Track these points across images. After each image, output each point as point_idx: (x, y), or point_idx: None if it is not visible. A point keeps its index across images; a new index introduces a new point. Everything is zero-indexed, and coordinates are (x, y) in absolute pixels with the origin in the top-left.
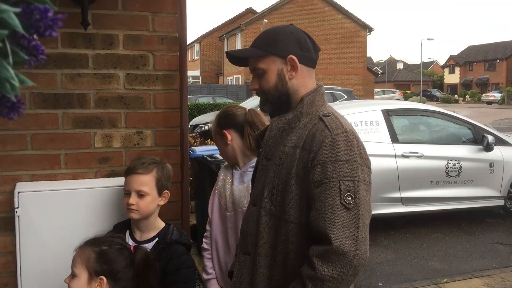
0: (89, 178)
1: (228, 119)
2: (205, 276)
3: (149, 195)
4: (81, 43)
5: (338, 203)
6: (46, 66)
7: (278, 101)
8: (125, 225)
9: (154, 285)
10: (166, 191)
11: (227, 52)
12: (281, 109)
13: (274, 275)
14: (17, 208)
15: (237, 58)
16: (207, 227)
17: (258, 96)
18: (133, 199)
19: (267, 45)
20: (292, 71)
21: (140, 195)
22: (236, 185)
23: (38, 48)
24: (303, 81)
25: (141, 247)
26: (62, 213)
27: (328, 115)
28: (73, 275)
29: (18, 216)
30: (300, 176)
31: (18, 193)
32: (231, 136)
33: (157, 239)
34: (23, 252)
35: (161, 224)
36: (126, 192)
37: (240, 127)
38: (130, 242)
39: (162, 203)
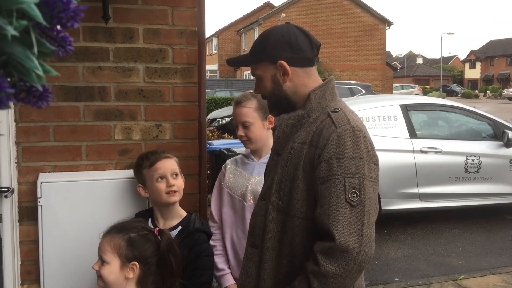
0: (110, 170)
1: None
2: (216, 273)
3: (179, 176)
4: (102, 37)
5: (342, 200)
6: (68, 59)
7: (279, 104)
8: (145, 214)
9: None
10: (182, 174)
11: (227, 61)
12: (285, 112)
13: (281, 269)
14: (40, 198)
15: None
16: (212, 224)
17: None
18: (173, 181)
19: (258, 52)
20: (284, 75)
21: (175, 175)
22: (256, 176)
23: (66, 39)
24: (300, 82)
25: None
26: (83, 203)
27: (336, 110)
28: (103, 262)
29: (41, 206)
30: (307, 172)
31: (41, 183)
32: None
33: (180, 227)
34: (46, 241)
35: (183, 213)
36: (160, 177)
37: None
38: None
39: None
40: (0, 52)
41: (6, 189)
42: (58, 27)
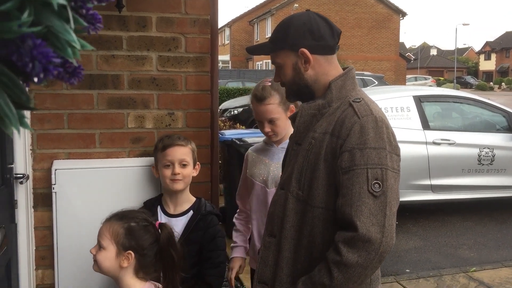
0: (123, 157)
1: None
2: (232, 244)
3: (189, 165)
4: (116, 25)
5: (365, 191)
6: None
7: (299, 92)
8: (155, 201)
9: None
10: (198, 163)
11: (246, 49)
12: (305, 100)
13: (299, 259)
14: (54, 184)
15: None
16: (239, 209)
17: (283, 87)
18: (178, 169)
19: (279, 40)
20: (306, 63)
21: (183, 165)
22: (276, 161)
23: (96, 17)
24: (322, 70)
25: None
26: (96, 190)
27: (358, 100)
28: (100, 247)
29: (55, 192)
30: (328, 162)
31: (55, 170)
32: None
33: (191, 211)
34: (60, 227)
35: (193, 198)
36: (167, 164)
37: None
38: (163, 217)
39: (195, 174)
40: (41, 24)
41: (21, 175)
42: (95, 1)
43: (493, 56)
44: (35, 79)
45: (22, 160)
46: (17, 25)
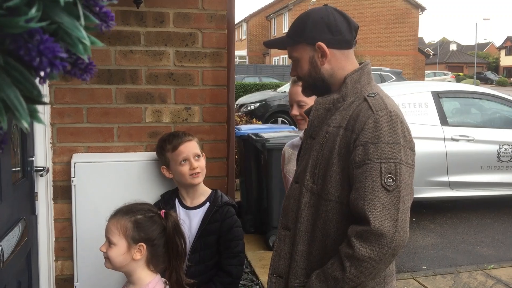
0: (140, 151)
1: None
2: None
3: (202, 157)
4: (134, 21)
5: (378, 185)
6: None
7: (314, 86)
8: (172, 194)
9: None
10: (203, 153)
11: (264, 43)
12: (321, 94)
13: (313, 251)
14: (73, 177)
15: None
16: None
17: (299, 81)
18: (195, 163)
19: (296, 33)
20: (323, 57)
21: (197, 157)
22: None
23: (108, 14)
24: (338, 64)
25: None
26: (114, 183)
27: (373, 95)
28: (110, 244)
29: (75, 185)
30: (342, 156)
31: (75, 163)
32: None
33: (208, 203)
34: (79, 219)
35: (208, 190)
36: (182, 161)
37: None
38: (181, 209)
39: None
40: (51, 22)
41: (42, 168)
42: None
43: None
44: (42, 73)
45: (42, 153)
46: (24, 20)
